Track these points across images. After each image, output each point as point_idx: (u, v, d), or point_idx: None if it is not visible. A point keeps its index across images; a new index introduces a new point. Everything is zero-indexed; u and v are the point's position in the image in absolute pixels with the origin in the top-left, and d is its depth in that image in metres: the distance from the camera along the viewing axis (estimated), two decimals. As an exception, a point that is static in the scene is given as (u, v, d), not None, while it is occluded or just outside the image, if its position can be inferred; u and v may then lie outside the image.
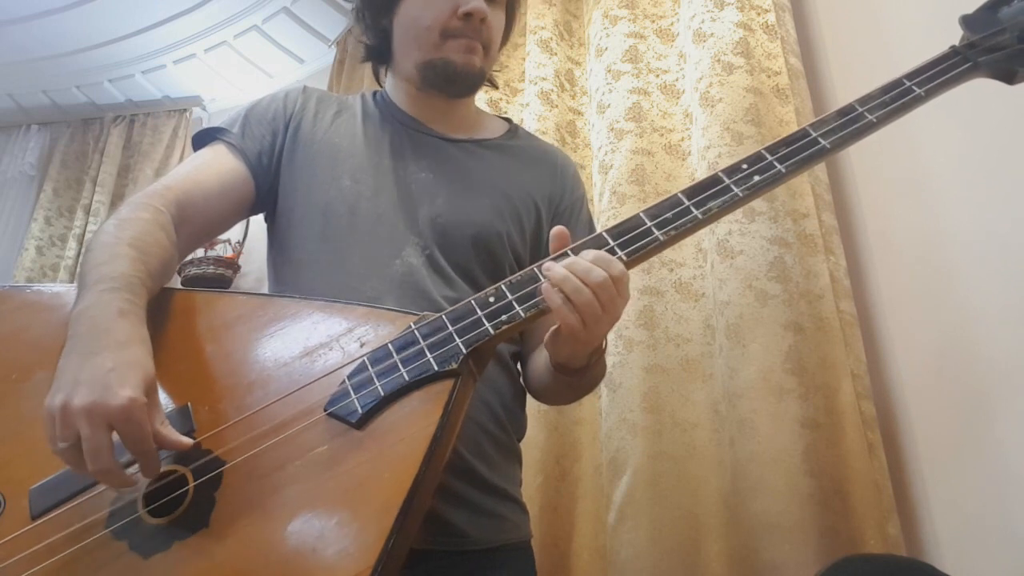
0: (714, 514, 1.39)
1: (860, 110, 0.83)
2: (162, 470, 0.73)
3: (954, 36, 0.91)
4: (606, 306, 0.75)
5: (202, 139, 1.05)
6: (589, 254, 0.77)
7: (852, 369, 1.34)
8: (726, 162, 1.54)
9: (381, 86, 1.17)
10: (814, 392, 1.34)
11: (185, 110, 3.60)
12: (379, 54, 1.11)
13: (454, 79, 1.03)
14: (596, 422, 1.64)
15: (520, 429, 1.04)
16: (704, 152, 1.61)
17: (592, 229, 1.15)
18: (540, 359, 0.98)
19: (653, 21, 1.95)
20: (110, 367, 0.69)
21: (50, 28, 3.13)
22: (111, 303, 0.75)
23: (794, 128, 1.55)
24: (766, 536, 1.26)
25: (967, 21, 0.88)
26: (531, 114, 2.00)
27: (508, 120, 1.19)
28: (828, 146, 0.82)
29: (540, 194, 1.08)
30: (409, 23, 1.03)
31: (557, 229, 0.81)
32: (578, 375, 0.89)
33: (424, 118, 1.08)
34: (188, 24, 3.15)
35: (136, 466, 0.71)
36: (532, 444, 1.60)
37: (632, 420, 1.50)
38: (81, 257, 0.82)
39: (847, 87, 1.65)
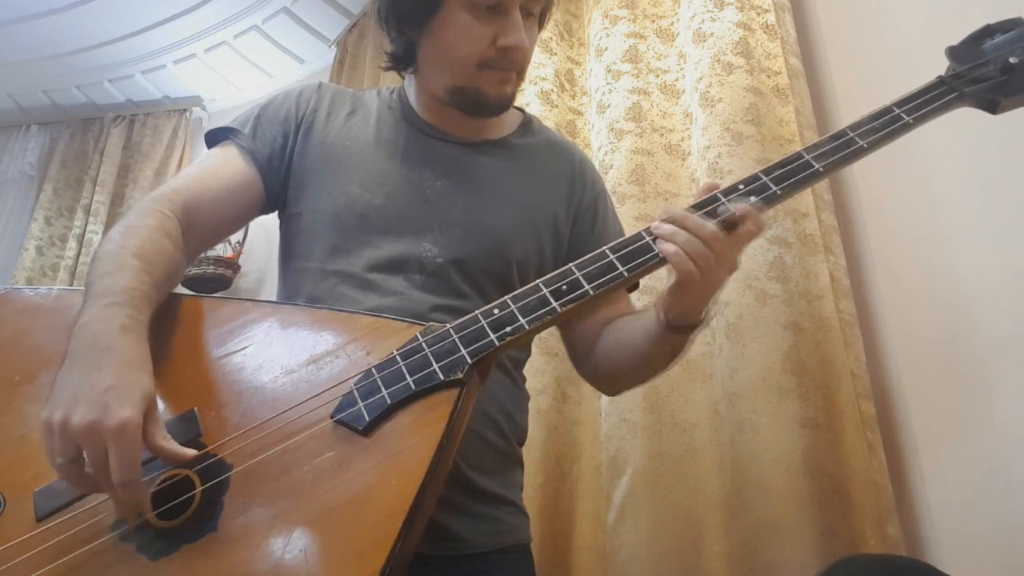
0: (714, 514, 1.39)
1: (851, 135, 0.86)
2: (168, 473, 0.74)
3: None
4: (720, 257, 0.81)
5: (214, 138, 1.04)
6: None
7: (852, 369, 1.35)
8: (726, 162, 1.56)
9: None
10: (814, 392, 1.35)
11: (185, 110, 3.59)
12: (403, 62, 1.05)
13: (484, 106, 1.00)
14: (596, 422, 1.65)
15: (520, 434, 1.03)
16: (704, 152, 1.61)
17: (616, 222, 1.13)
18: (627, 333, 0.99)
19: (653, 21, 1.96)
20: (109, 385, 0.70)
21: (50, 28, 3.12)
22: (113, 319, 0.76)
23: (793, 128, 1.57)
24: (766, 536, 1.27)
25: (953, 53, 0.91)
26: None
27: (522, 111, 1.14)
28: (821, 169, 0.85)
29: (559, 201, 1.07)
30: (444, 49, 0.97)
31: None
32: (689, 332, 0.90)
33: (441, 124, 1.05)
34: (188, 24, 3.14)
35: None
36: (532, 444, 1.59)
37: (632, 420, 1.51)
38: (88, 266, 0.84)
39: (847, 87, 1.66)
